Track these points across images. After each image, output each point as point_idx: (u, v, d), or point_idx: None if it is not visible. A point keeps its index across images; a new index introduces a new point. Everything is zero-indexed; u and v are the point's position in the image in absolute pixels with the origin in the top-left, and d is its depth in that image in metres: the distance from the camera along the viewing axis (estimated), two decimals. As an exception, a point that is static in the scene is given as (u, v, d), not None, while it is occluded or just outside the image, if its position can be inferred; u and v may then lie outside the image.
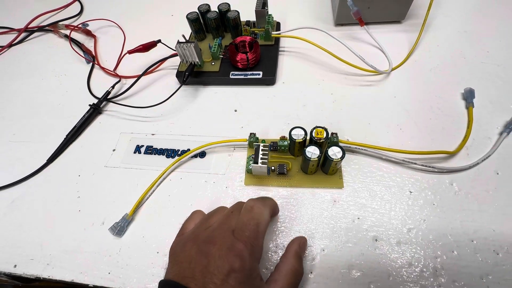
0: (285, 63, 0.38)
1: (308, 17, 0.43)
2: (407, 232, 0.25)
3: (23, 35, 0.48)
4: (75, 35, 0.46)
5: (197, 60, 0.34)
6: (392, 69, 0.35)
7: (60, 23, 0.48)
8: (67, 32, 0.47)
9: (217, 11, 0.36)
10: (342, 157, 0.24)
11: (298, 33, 0.36)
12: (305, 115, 0.33)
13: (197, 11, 0.37)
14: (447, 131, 0.30)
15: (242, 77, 0.35)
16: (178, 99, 0.36)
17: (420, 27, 0.38)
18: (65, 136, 0.34)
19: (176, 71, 0.38)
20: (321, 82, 0.35)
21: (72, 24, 0.48)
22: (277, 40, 0.38)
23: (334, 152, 0.25)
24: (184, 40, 0.33)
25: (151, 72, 0.39)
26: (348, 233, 0.25)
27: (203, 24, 0.38)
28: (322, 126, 0.26)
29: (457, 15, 0.40)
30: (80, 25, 0.46)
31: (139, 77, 0.37)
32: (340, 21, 0.40)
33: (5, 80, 0.42)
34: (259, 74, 0.35)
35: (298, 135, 0.26)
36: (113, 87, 0.38)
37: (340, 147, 0.25)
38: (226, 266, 0.18)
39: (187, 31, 0.39)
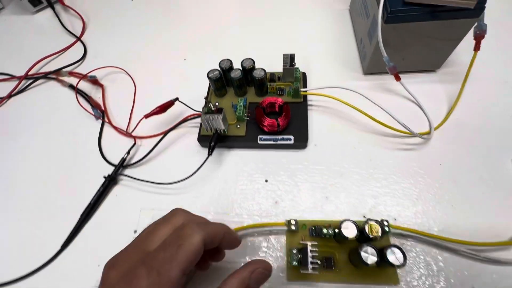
0: (314, 121, 0.35)
1: (334, 65, 0.40)
2: None
3: (23, 82, 0.44)
4: (81, 83, 0.43)
5: (223, 128, 0.31)
6: (435, 129, 0.32)
7: (64, 70, 0.45)
8: (71, 79, 0.44)
9: (241, 68, 0.33)
10: (404, 264, 0.22)
11: (328, 91, 0.34)
12: (342, 186, 0.30)
13: (219, 69, 0.34)
14: (506, 208, 0.28)
15: (272, 142, 0.32)
16: (201, 168, 0.33)
17: (457, 76, 0.35)
18: (79, 216, 0.31)
19: (197, 132, 0.35)
20: (357, 145, 0.33)
21: (76, 71, 0.44)
22: (305, 96, 0.35)
23: (395, 256, 0.22)
24: (210, 109, 0.30)
25: (166, 133, 0.36)
26: None
27: (225, 80, 0.35)
28: (376, 219, 0.24)
29: (498, 64, 0.37)
30: (87, 76, 0.42)
31: (157, 142, 0.34)
32: (371, 70, 0.37)
33: (6, 140, 0.39)
34: (290, 139, 0.32)
35: (349, 230, 0.24)
36: (128, 152, 0.34)
37: (401, 250, 0.22)
38: None
39: (201, 78, 0.36)
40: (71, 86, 0.42)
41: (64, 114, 0.40)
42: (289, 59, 0.33)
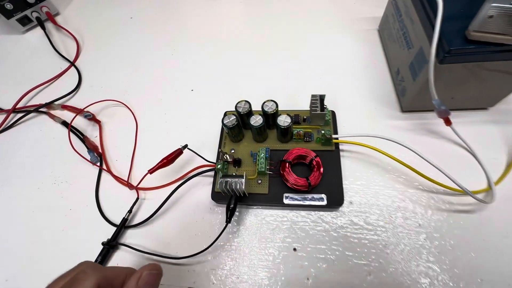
0: (347, 171, 0.30)
1: (365, 99, 0.34)
2: None
3: (11, 117, 0.39)
4: (76, 119, 0.38)
5: (244, 191, 0.25)
6: (495, 183, 0.27)
7: (56, 103, 0.39)
8: (64, 113, 0.39)
9: (262, 114, 0.28)
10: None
11: (364, 139, 0.28)
12: (386, 260, 0.25)
13: (235, 114, 0.28)
14: None
15: (300, 202, 0.27)
16: (218, 229, 0.28)
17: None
18: (74, 294, 0.26)
19: (210, 182, 0.30)
20: (402, 204, 0.28)
21: (70, 104, 0.39)
22: (336, 144, 0.30)
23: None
24: (226, 160, 0.25)
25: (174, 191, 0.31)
26: None
27: (241, 123, 0.30)
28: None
29: None
30: (82, 111, 0.37)
31: (163, 202, 0.29)
32: (411, 108, 0.32)
33: (-9, 189, 0.34)
34: (322, 199, 0.27)
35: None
36: (130, 211, 0.29)
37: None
38: None
39: (212, 110, 0.31)
40: (64, 123, 0.37)
41: (57, 157, 0.35)
42: (319, 102, 0.28)
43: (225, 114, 0.32)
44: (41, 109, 0.39)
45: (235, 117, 0.28)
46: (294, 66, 0.39)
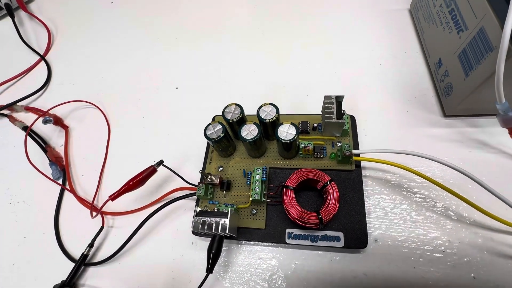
0: (371, 198, 0.22)
1: (393, 100, 0.26)
2: None
3: (-31, 121, 0.34)
4: (38, 123, 0.32)
5: (230, 234, 0.19)
6: None
7: (19, 104, 0.33)
8: (28, 115, 0.33)
9: (257, 122, 0.21)
10: None
11: (392, 157, 0.21)
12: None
13: (222, 122, 0.21)
14: None
15: (308, 242, 0.20)
16: (200, 272, 0.21)
17: None
18: None
19: (191, 207, 0.23)
20: (446, 246, 0.20)
21: (34, 106, 0.33)
22: (357, 161, 0.22)
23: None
24: (210, 183, 0.18)
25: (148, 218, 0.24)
26: None
27: (231, 132, 0.23)
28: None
29: None
30: (45, 116, 0.31)
31: (132, 234, 0.22)
32: (459, 112, 0.24)
33: None
34: (338, 239, 0.20)
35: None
36: (91, 245, 0.23)
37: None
38: None
39: (197, 113, 0.24)
40: (26, 129, 0.31)
41: (15, 170, 0.29)
42: (336, 106, 0.20)
43: (212, 120, 0.26)
44: (1, 112, 0.33)
45: (221, 126, 0.21)
46: (301, 58, 0.31)
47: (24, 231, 0.26)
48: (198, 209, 0.19)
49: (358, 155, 0.22)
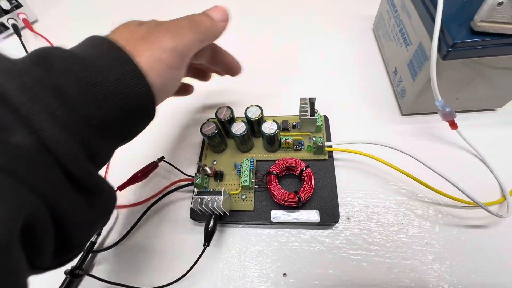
0: (343, 184, 0.26)
1: (361, 102, 0.31)
2: None
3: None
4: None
5: (225, 211, 0.22)
6: (510, 193, 0.24)
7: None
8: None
9: (245, 121, 0.25)
10: None
11: (360, 147, 0.25)
12: (389, 285, 0.22)
13: (215, 121, 0.25)
14: None
15: (290, 220, 0.24)
16: (198, 252, 0.24)
17: (525, 117, 0.27)
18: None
19: (189, 197, 0.27)
20: (404, 220, 0.24)
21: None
22: (330, 152, 0.27)
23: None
24: (206, 173, 0.22)
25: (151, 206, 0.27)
26: None
27: (223, 131, 0.27)
28: None
29: None
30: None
31: (136, 221, 0.25)
32: (412, 111, 0.29)
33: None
34: (314, 217, 0.24)
35: None
36: (99, 234, 0.26)
37: None
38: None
39: (194, 117, 0.28)
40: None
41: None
42: (309, 106, 0.25)
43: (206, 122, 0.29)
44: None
45: (215, 125, 0.25)
46: (282, 69, 0.36)
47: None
48: (197, 190, 0.22)
49: (330, 146, 0.26)
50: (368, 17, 0.38)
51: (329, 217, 0.24)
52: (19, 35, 0.44)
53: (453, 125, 0.25)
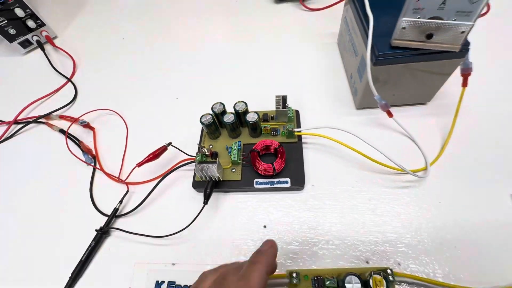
0: (310, 161, 0.35)
1: (326, 100, 0.40)
2: None
3: (12, 128, 0.44)
4: (72, 127, 0.42)
5: (218, 176, 0.30)
6: (430, 164, 0.32)
7: (54, 113, 0.44)
8: (61, 122, 0.43)
9: (233, 112, 0.33)
10: None
11: (322, 131, 0.34)
12: (342, 228, 0.30)
13: (211, 113, 0.33)
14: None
15: (268, 185, 0.32)
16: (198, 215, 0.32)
17: (447, 108, 0.36)
18: (70, 275, 0.29)
19: (191, 175, 0.34)
20: (355, 184, 0.32)
21: (67, 115, 0.44)
22: (299, 135, 0.35)
23: None
24: (204, 154, 0.29)
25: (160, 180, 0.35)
26: None
27: (218, 123, 0.35)
28: (380, 270, 0.23)
29: (487, 98, 0.38)
30: (78, 120, 0.41)
31: (150, 191, 0.33)
32: (363, 105, 0.38)
33: (-6, 191, 0.37)
34: (286, 182, 0.32)
35: (353, 286, 0.23)
36: (121, 202, 0.33)
37: None
38: None
39: (194, 116, 0.36)
40: (62, 131, 0.42)
41: (55, 160, 0.39)
42: (282, 101, 0.33)
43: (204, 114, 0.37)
44: (40, 120, 0.43)
45: (211, 116, 0.33)
46: (264, 75, 0.44)
47: (65, 199, 0.35)
48: (198, 160, 0.30)
49: (299, 131, 0.34)
50: (334, 33, 0.47)
51: (298, 183, 0.32)
52: (43, 49, 0.52)
53: (390, 114, 0.33)
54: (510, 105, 0.37)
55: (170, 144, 0.34)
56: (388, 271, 0.24)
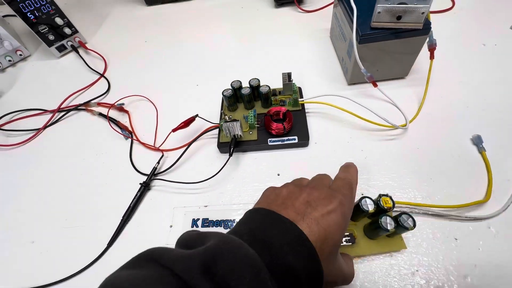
0: (313, 124, 0.42)
1: (323, 80, 0.48)
2: (464, 279, 0.28)
3: (57, 115, 0.51)
4: (109, 112, 0.49)
5: (240, 133, 0.37)
6: (409, 122, 0.40)
7: (92, 101, 0.52)
8: (99, 108, 0.50)
9: (249, 86, 0.41)
10: (414, 227, 0.27)
11: (321, 99, 0.41)
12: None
13: (231, 88, 0.41)
14: (471, 175, 0.34)
15: (280, 143, 0.39)
16: (223, 169, 0.39)
17: (422, 81, 0.44)
18: (121, 218, 0.36)
19: (216, 140, 0.41)
20: (349, 140, 0.40)
21: (103, 102, 0.51)
22: (302, 104, 0.42)
23: (408, 221, 0.27)
24: (226, 121, 0.37)
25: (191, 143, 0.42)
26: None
27: (235, 97, 0.43)
28: (386, 194, 0.30)
29: (453, 68, 0.46)
30: (115, 104, 0.49)
31: (183, 151, 0.40)
32: (353, 81, 0.46)
33: (44, 163, 0.44)
34: (294, 139, 0.39)
35: (368, 205, 0.29)
36: (158, 162, 0.40)
37: (411, 216, 0.27)
38: (328, 206, 0.20)
39: (212, 98, 0.44)
40: (101, 114, 0.49)
41: (97, 138, 0.46)
42: (287, 76, 0.41)
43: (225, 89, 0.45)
44: (80, 107, 0.51)
45: (231, 89, 0.41)
46: (269, 65, 0.53)
47: (109, 167, 0.42)
48: (225, 120, 0.37)
49: (303, 100, 0.42)
50: (326, 29, 0.56)
51: (303, 140, 0.39)
52: (77, 52, 0.61)
53: (375, 84, 0.41)
54: (466, 75, 0.45)
55: (197, 115, 0.42)
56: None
